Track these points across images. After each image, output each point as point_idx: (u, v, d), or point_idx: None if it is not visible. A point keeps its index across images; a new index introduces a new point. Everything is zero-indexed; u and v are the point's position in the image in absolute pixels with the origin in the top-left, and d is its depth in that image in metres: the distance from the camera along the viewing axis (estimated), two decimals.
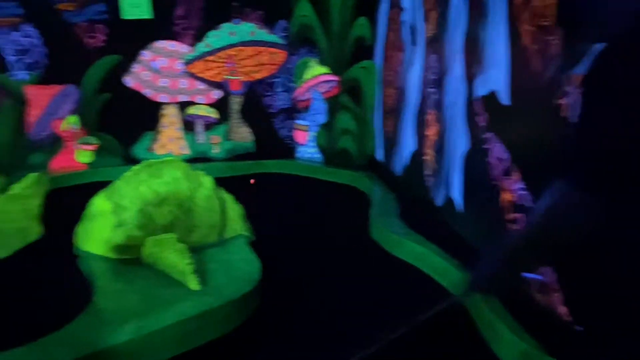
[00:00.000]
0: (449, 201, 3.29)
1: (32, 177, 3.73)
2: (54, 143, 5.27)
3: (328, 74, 5.34)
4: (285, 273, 2.92)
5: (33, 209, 3.54)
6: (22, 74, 5.22)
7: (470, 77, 2.96)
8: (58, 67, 5.28)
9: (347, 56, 5.39)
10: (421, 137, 3.82)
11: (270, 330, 2.37)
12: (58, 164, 5.21)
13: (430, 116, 3.61)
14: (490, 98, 2.69)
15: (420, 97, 3.84)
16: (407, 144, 4.15)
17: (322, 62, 5.45)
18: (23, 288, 2.74)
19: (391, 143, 4.66)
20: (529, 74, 2.31)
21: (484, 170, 2.73)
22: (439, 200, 3.48)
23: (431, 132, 3.61)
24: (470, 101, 2.96)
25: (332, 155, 5.46)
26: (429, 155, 3.66)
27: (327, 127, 5.50)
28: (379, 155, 5.11)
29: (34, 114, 5.11)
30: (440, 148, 3.45)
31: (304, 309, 2.55)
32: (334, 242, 3.45)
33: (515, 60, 2.46)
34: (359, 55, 5.29)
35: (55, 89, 5.14)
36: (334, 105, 5.44)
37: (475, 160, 2.89)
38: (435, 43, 3.51)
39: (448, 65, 3.29)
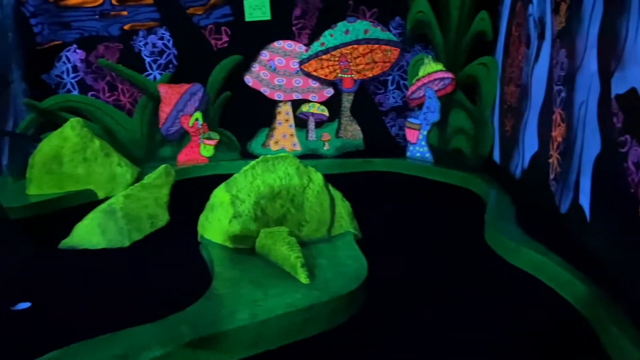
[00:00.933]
0: (576, 208, 3.02)
1: (161, 168, 4.09)
2: (182, 137, 5.72)
3: (443, 71, 5.18)
4: (392, 274, 2.88)
5: (162, 198, 3.88)
6: (155, 74, 5.73)
7: (605, 74, 2.69)
8: (187, 67, 5.71)
9: (465, 52, 5.18)
10: (545, 138, 3.55)
11: (374, 329, 2.35)
12: (184, 157, 5.65)
13: (557, 115, 3.35)
14: (629, 96, 2.41)
15: (545, 95, 3.58)
16: (529, 145, 3.89)
17: (437, 59, 5.29)
18: (152, 269, 3.02)
19: (510, 144, 4.40)
20: None
21: (618, 176, 2.47)
22: (564, 207, 3.21)
23: (557, 132, 3.34)
24: (604, 100, 2.69)
25: (444, 155, 5.29)
26: (554, 158, 3.39)
27: (439, 126, 5.34)
28: (496, 156, 4.85)
29: (164, 111, 5.58)
30: (567, 150, 3.18)
31: (410, 311, 2.49)
32: (444, 245, 3.34)
33: None
34: (478, 51, 5.06)
35: (183, 87, 5.57)
36: (448, 103, 5.27)
37: (609, 164, 2.62)
38: (566, 37, 3.24)
39: (579, 60, 3.02)
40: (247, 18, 5.56)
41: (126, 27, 5.62)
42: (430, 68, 5.22)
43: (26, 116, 5.24)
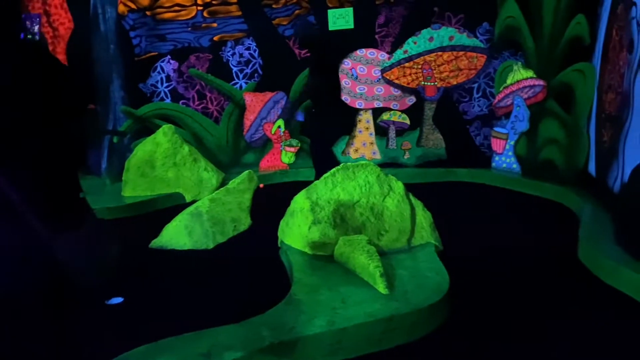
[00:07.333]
0: None
1: (245, 174, 4.22)
2: (264, 144, 5.88)
3: (533, 78, 4.93)
4: (476, 289, 2.75)
5: (245, 202, 4.00)
6: (242, 82, 5.95)
7: None
8: (271, 76, 5.88)
9: (558, 58, 4.89)
10: None
11: (455, 346, 2.25)
12: (266, 163, 5.80)
13: None
14: None
15: None
16: (630, 156, 3.58)
17: (528, 66, 5.05)
18: (234, 271, 3.11)
19: (608, 155, 4.08)
20: None
21: None
22: None
23: None
24: None
25: (533, 167, 5.01)
26: None
27: (529, 136, 5.07)
28: (591, 168, 4.52)
29: (249, 118, 5.77)
30: None
31: (492, 330, 2.36)
32: (532, 262, 3.14)
33: None
34: (573, 57, 4.75)
35: (267, 96, 5.73)
36: (538, 111, 4.99)
37: None
38: None
39: None
40: (331, 27, 5.62)
41: (216, 38, 5.89)
42: (520, 75, 4.99)
43: (124, 122, 5.63)
